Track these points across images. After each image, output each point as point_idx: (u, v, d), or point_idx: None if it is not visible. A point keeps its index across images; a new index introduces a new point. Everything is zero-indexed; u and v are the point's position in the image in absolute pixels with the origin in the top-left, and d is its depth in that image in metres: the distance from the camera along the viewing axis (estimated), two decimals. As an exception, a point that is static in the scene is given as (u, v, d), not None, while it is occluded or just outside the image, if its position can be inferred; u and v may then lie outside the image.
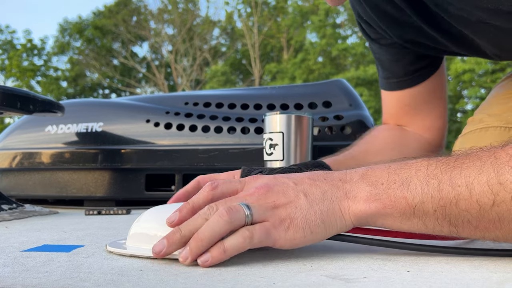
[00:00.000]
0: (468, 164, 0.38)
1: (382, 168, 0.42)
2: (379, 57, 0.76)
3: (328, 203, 0.41)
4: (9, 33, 18.13)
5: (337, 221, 0.41)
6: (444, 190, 0.38)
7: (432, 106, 0.79)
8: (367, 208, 0.40)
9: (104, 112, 1.15)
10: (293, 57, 15.93)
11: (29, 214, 0.84)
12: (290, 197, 0.41)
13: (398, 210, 0.40)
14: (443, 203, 0.38)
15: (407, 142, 0.79)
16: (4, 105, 0.82)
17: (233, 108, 1.09)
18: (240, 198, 0.41)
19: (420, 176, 0.39)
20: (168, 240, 0.40)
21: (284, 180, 0.43)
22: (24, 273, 0.36)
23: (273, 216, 0.40)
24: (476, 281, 0.33)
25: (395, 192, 0.40)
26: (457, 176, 0.38)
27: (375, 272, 0.36)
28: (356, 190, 0.41)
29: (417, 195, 0.39)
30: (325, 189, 0.42)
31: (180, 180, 1.05)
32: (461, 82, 13.05)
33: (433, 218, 0.39)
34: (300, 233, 0.40)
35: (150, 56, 18.67)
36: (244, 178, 0.45)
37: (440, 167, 0.39)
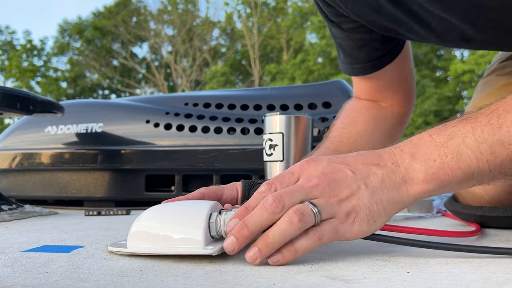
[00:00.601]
0: (511, 120, 0.39)
1: (427, 141, 0.42)
2: (340, 43, 0.73)
3: (387, 191, 0.41)
4: (9, 34, 18.14)
5: (396, 206, 0.42)
6: (496, 152, 0.39)
7: (402, 81, 0.78)
8: (426, 188, 0.41)
9: (104, 112, 1.15)
10: (293, 57, 15.93)
11: (29, 214, 0.84)
12: (352, 188, 0.41)
13: (455, 181, 0.41)
14: (499, 162, 0.40)
15: (385, 119, 0.79)
16: (4, 105, 0.82)
17: (233, 108, 1.09)
18: (306, 189, 0.40)
19: (469, 143, 0.40)
20: (238, 239, 0.39)
21: (340, 167, 0.42)
22: (24, 274, 0.36)
23: (339, 211, 0.40)
24: (476, 282, 0.33)
25: (450, 166, 0.40)
26: (505, 135, 0.39)
27: (375, 273, 0.36)
28: (412, 172, 0.41)
29: (472, 163, 0.40)
30: (382, 176, 0.41)
31: (180, 180, 1.05)
32: (460, 83, 13.06)
33: (489, 176, 0.41)
34: (365, 225, 0.40)
35: (150, 56, 18.67)
36: (295, 166, 0.43)
37: (486, 129, 0.40)
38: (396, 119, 0.80)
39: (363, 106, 0.79)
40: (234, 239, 0.39)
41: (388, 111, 0.80)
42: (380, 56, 0.73)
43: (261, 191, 0.42)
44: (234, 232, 0.39)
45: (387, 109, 0.80)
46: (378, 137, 0.76)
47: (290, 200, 0.39)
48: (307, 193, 0.40)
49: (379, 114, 0.78)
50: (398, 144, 0.44)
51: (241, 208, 0.42)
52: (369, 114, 0.77)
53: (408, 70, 0.79)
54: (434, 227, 0.66)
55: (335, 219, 0.40)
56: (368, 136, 0.73)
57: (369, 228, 0.41)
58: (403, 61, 0.76)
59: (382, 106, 0.80)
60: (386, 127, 0.78)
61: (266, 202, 0.39)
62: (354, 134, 0.73)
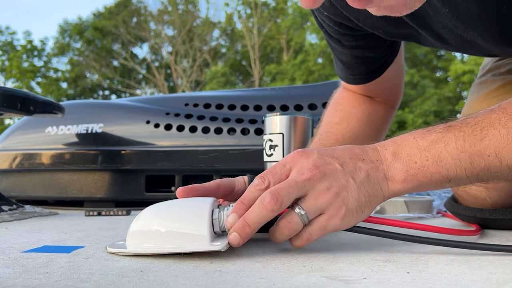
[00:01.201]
0: (493, 133, 0.41)
1: (410, 143, 0.45)
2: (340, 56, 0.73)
3: (372, 185, 0.44)
4: (9, 34, 18.14)
5: (379, 198, 0.45)
6: (475, 162, 0.42)
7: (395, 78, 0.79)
8: (405, 187, 0.44)
9: (104, 113, 1.15)
10: (293, 58, 15.94)
11: (29, 215, 0.84)
12: (341, 181, 0.43)
13: (433, 182, 0.44)
14: (476, 171, 0.42)
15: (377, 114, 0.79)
16: (5, 106, 0.82)
17: (233, 109, 1.09)
18: (300, 184, 0.42)
19: (450, 150, 0.42)
20: (240, 234, 0.42)
21: (330, 160, 0.44)
22: (25, 274, 0.36)
23: (329, 207, 0.42)
24: (475, 282, 0.33)
25: (429, 169, 0.43)
26: (486, 148, 0.41)
27: (375, 274, 0.36)
28: (393, 171, 0.44)
29: (450, 169, 0.42)
30: (368, 171, 0.44)
31: (180, 181, 1.05)
32: (460, 83, 13.06)
33: (466, 181, 0.43)
34: (355, 216, 0.43)
35: (150, 57, 18.67)
36: (286, 158, 0.45)
37: (467, 140, 0.42)
38: (387, 113, 0.81)
39: (356, 100, 0.79)
40: (237, 235, 0.41)
41: (380, 106, 0.80)
42: (380, 64, 0.73)
43: (254, 184, 0.44)
44: (237, 229, 0.42)
45: (379, 104, 0.80)
46: (370, 133, 0.76)
47: (286, 197, 0.41)
48: (301, 188, 0.42)
49: (372, 110, 0.78)
50: (383, 142, 0.47)
51: (238, 202, 0.44)
52: (362, 110, 0.77)
53: (401, 67, 0.79)
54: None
55: (324, 215, 0.42)
56: (361, 133, 0.74)
57: (358, 218, 0.44)
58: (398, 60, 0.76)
59: (374, 100, 0.80)
60: (378, 122, 0.79)
61: (265, 199, 0.41)
62: (348, 131, 0.73)
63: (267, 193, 0.41)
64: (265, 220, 0.41)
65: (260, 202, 0.41)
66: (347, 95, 0.80)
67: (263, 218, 0.41)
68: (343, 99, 0.79)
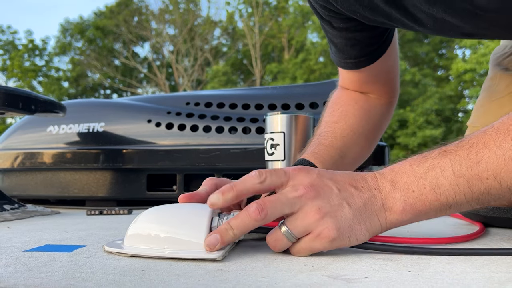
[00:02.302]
0: (489, 155, 0.40)
1: (407, 171, 0.44)
2: (332, 39, 0.73)
3: (369, 214, 0.43)
4: (11, 34, 18.17)
5: (376, 229, 0.44)
6: (474, 186, 0.41)
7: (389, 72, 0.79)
8: (404, 217, 0.43)
9: (106, 112, 1.15)
10: (294, 57, 15.93)
11: (31, 214, 0.84)
12: (334, 204, 0.42)
13: (433, 210, 0.43)
14: (476, 196, 0.41)
15: (374, 111, 0.79)
16: (6, 105, 0.82)
17: (234, 108, 1.09)
18: (290, 200, 0.42)
19: (447, 176, 0.42)
20: (222, 237, 0.41)
21: (328, 183, 0.44)
22: (26, 273, 0.36)
23: (317, 227, 0.42)
24: (477, 282, 0.33)
25: (427, 197, 0.42)
26: (483, 171, 0.40)
27: (377, 272, 0.36)
28: (391, 201, 0.43)
29: (449, 196, 0.42)
30: (365, 199, 0.44)
31: (181, 180, 1.05)
32: (462, 82, 13.04)
33: (467, 206, 0.43)
34: (346, 241, 0.42)
35: (151, 56, 18.68)
36: (288, 169, 0.45)
37: (464, 164, 0.41)
38: (384, 109, 0.80)
39: (352, 98, 0.79)
40: (218, 237, 0.41)
41: (377, 102, 0.79)
42: (371, 51, 0.73)
43: (250, 175, 0.44)
44: (220, 231, 0.42)
45: (375, 101, 0.79)
46: (369, 130, 0.76)
47: (272, 210, 0.41)
48: (291, 204, 0.42)
49: (369, 107, 0.78)
50: (381, 171, 0.46)
51: (227, 185, 0.44)
52: (359, 107, 0.77)
53: (395, 60, 0.79)
54: (436, 226, 0.66)
55: (311, 235, 0.42)
56: (360, 130, 0.74)
57: (349, 243, 0.43)
58: (391, 52, 0.76)
59: (370, 97, 0.79)
60: (375, 119, 0.79)
61: (250, 208, 0.41)
62: (346, 129, 0.73)
63: (254, 203, 0.42)
64: (249, 228, 0.41)
65: (245, 210, 0.42)
66: (343, 94, 0.80)
67: (247, 226, 0.41)
68: (340, 99, 0.79)
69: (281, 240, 0.42)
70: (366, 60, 0.73)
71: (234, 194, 0.43)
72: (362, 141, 0.74)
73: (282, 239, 0.42)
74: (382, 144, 1.03)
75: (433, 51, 15.04)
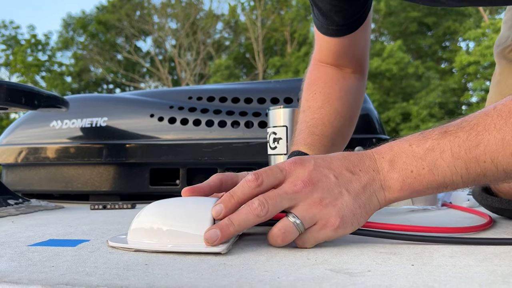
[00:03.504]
0: (489, 139, 0.41)
1: (406, 151, 0.44)
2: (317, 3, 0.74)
3: (368, 196, 0.44)
4: (13, 29, 18.18)
5: (376, 208, 0.45)
6: (471, 168, 0.42)
7: (364, 45, 0.79)
8: (402, 195, 0.45)
9: (108, 107, 1.15)
10: (297, 50, 15.88)
11: (35, 209, 0.85)
12: (335, 194, 0.43)
13: (429, 189, 0.44)
14: (472, 177, 0.42)
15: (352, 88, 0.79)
16: (9, 100, 0.82)
17: (237, 102, 1.09)
18: (290, 195, 0.42)
19: (446, 158, 0.42)
20: (222, 232, 0.41)
21: (325, 172, 0.44)
22: (31, 268, 0.36)
23: (322, 218, 0.42)
24: (481, 275, 0.33)
25: (425, 177, 0.43)
26: (481, 154, 0.41)
27: (379, 266, 0.36)
28: (390, 181, 0.44)
29: (446, 177, 0.43)
30: (364, 182, 0.44)
31: (184, 174, 1.05)
32: (466, 74, 12.97)
33: (462, 186, 0.44)
34: (349, 227, 0.43)
35: (154, 50, 18.66)
36: (284, 164, 0.45)
37: (463, 146, 0.42)
38: (359, 85, 0.81)
39: (331, 78, 0.78)
40: (218, 232, 0.41)
41: (352, 78, 0.79)
42: (354, 20, 0.73)
43: (247, 179, 0.44)
44: (220, 227, 0.42)
45: (351, 76, 0.79)
46: (351, 111, 0.77)
47: (274, 206, 0.42)
48: (291, 199, 0.43)
49: (347, 85, 0.78)
50: (379, 149, 0.47)
51: (227, 194, 0.44)
52: (339, 88, 0.77)
53: (368, 35, 0.79)
54: (440, 219, 0.66)
55: (317, 225, 0.43)
56: (344, 112, 0.74)
57: (352, 229, 0.44)
58: (368, 22, 0.76)
59: (346, 73, 0.79)
60: (354, 98, 0.79)
61: (252, 205, 0.42)
62: (332, 114, 0.73)
63: (256, 199, 0.42)
64: (250, 224, 0.42)
65: (247, 206, 0.42)
66: (321, 74, 0.79)
67: (248, 222, 0.42)
68: (319, 80, 0.78)
69: (291, 231, 0.42)
70: (348, 28, 0.74)
71: (235, 202, 0.43)
72: (347, 123, 0.75)
73: (292, 229, 0.42)
74: (385, 137, 1.03)
75: (436, 43, 14.95)
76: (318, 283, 0.31)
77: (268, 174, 0.44)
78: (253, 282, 0.31)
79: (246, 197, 0.43)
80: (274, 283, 0.31)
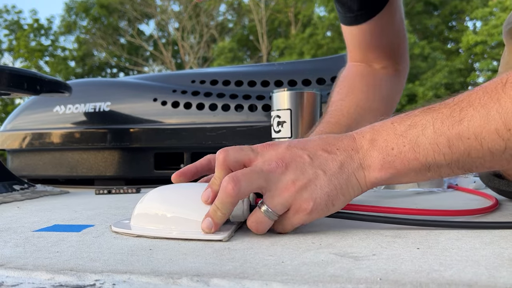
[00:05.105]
0: (472, 114, 0.38)
1: (388, 130, 0.42)
2: None
3: (346, 176, 0.42)
4: (16, 13, 18.09)
5: (354, 190, 0.42)
6: (454, 146, 0.39)
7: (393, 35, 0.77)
8: (382, 175, 0.42)
9: (111, 91, 1.15)
10: (301, 32, 15.71)
11: (40, 194, 0.85)
12: (309, 174, 0.41)
13: (412, 171, 0.41)
14: (456, 157, 0.39)
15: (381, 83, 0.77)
16: (11, 86, 0.82)
17: (240, 85, 1.08)
18: (265, 174, 0.41)
19: (428, 134, 0.40)
20: (213, 219, 0.41)
21: (299, 152, 0.42)
22: (36, 253, 0.36)
23: (294, 203, 0.41)
24: (487, 258, 0.32)
25: (406, 155, 0.41)
26: (464, 129, 0.38)
27: (384, 250, 0.36)
28: (369, 159, 0.42)
29: (428, 155, 0.40)
30: (341, 161, 0.42)
31: (188, 158, 1.05)
32: (472, 54, 12.81)
33: (447, 168, 0.41)
34: (324, 210, 0.41)
35: (157, 34, 18.53)
36: (256, 146, 0.44)
37: (446, 122, 0.39)
38: (392, 80, 0.79)
39: (358, 73, 0.78)
40: (210, 219, 0.41)
41: (383, 73, 0.78)
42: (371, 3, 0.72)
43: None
44: (210, 214, 0.41)
45: (381, 72, 0.78)
46: (377, 104, 0.75)
47: (247, 182, 0.40)
48: (265, 179, 0.41)
49: (376, 81, 0.77)
50: (361, 129, 0.44)
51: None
52: (365, 82, 0.76)
53: (399, 25, 0.78)
54: (446, 201, 0.65)
55: (291, 210, 0.41)
56: (367, 105, 0.73)
57: (328, 211, 0.42)
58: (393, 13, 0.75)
59: (376, 69, 0.78)
60: (383, 92, 0.77)
61: (223, 184, 0.40)
62: (352, 105, 0.72)
63: (227, 177, 0.40)
64: (230, 205, 0.40)
65: (222, 189, 0.40)
66: (349, 71, 0.79)
67: (227, 204, 0.40)
68: (346, 77, 0.79)
69: (264, 221, 0.41)
70: (366, 13, 0.72)
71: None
72: (371, 116, 0.73)
73: (264, 219, 0.41)
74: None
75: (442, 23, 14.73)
76: (322, 267, 0.31)
77: (236, 150, 0.43)
78: (258, 267, 0.31)
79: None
80: (279, 268, 0.31)
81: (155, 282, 0.29)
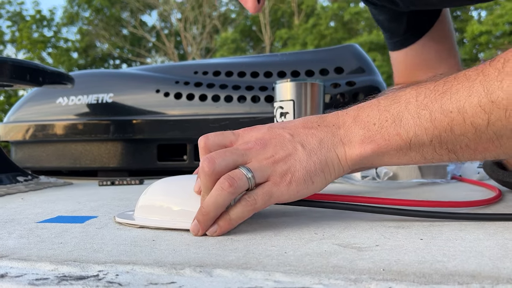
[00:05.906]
0: (457, 87, 0.37)
1: (372, 106, 0.41)
2: (378, 18, 0.72)
3: (325, 151, 0.41)
4: (18, 4, 18.03)
5: (335, 167, 0.41)
6: (436, 120, 0.37)
7: (442, 57, 0.75)
8: (363, 151, 0.41)
9: (114, 82, 1.15)
10: (304, 22, 15.61)
11: (44, 185, 0.85)
12: (288, 149, 0.41)
13: (393, 148, 0.40)
14: (438, 132, 0.38)
15: None
16: (14, 77, 0.81)
17: (243, 76, 1.07)
18: (241, 151, 0.41)
19: (411, 108, 0.39)
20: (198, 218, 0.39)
21: (279, 131, 0.42)
22: (39, 244, 0.37)
23: (274, 173, 0.40)
24: (491, 249, 0.32)
25: (388, 130, 0.39)
26: (447, 102, 0.37)
27: (388, 240, 0.36)
28: (350, 134, 0.41)
29: (410, 129, 0.39)
30: (321, 137, 0.41)
31: (191, 150, 1.05)
32: (477, 44, 12.71)
33: (430, 148, 0.39)
34: (302, 185, 0.40)
35: (160, 25, 18.46)
36: (238, 130, 0.44)
37: (429, 95, 0.38)
38: None
39: None
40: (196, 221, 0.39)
41: None
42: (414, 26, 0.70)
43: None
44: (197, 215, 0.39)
45: None
46: None
47: (222, 161, 0.39)
48: (242, 155, 0.40)
49: None
50: (347, 107, 0.44)
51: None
52: None
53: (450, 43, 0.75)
54: (449, 192, 0.65)
55: (269, 181, 0.40)
56: None
57: (307, 188, 0.40)
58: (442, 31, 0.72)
59: None
60: None
61: (203, 167, 0.39)
62: None
63: (202, 159, 0.40)
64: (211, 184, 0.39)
65: (199, 168, 0.40)
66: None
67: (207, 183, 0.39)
68: None
69: (241, 178, 0.38)
70: (412, 35, 0.70)
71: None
72: None
73: (242, 177, 0.38)
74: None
75: (447, 13, 14.59)
76: (325, 258, 0.31)
77: (217, 134, 0.43)
78: (260, 257, 0.31)
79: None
80: (281, 258, 0.31)
81: (158, 272, 0.29)
